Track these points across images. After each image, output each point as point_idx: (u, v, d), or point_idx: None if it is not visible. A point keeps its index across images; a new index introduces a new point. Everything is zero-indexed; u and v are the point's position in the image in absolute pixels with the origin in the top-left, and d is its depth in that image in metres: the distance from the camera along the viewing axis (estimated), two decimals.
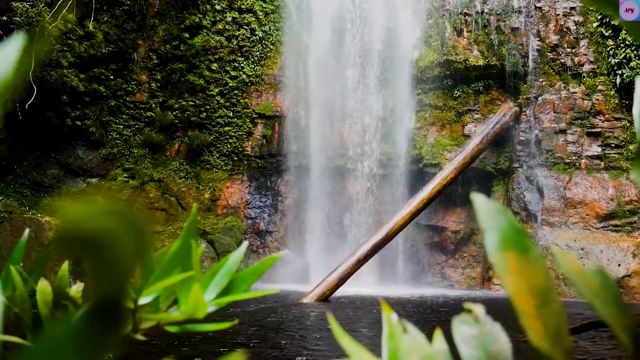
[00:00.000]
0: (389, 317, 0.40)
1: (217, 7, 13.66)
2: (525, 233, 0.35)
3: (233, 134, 13.83)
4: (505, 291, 0.34)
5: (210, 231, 13.07)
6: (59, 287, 0.85)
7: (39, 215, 10.73)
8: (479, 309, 0.38)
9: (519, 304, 0.33)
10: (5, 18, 10.52)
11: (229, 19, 13.70)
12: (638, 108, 0.48)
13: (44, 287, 0.84)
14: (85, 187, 13.02)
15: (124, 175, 13.19)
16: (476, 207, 0.36)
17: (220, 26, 13.68)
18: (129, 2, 12.78)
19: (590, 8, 12.20)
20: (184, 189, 13.63)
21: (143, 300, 0.60)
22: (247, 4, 13.82)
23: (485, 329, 0.36)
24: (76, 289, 0.85)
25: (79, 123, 12.68)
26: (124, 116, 13.38)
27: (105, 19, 12.69)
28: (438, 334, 0.41)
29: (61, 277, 0.86)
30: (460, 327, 0.37)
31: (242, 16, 13.77)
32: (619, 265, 10.85)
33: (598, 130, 12.04)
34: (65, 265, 0.83)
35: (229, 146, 13.85)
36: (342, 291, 10.08)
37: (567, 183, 11.98)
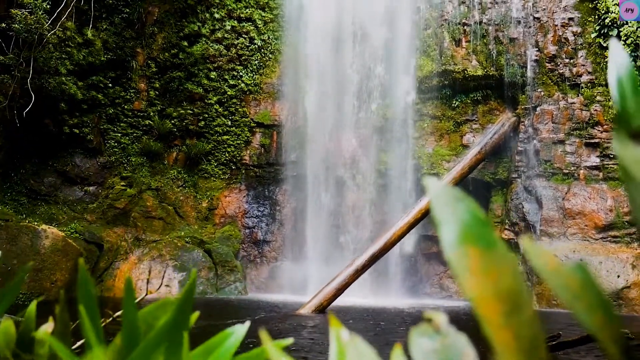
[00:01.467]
0: (338, 334, 0.35)
1: (217, 15, 13.67)
2: (490, 225, 0.30)
3: (231, 142, 13.79)
4: (465, 295, 0.28)
5: (207, 240, 12.98)
6: (25, 329, 0.75)
7: (36, 223, 10.65)
8: (440, 318, 0.32)
9: (482, 312, 0.27)
10: (4, 25, 10.51)
11: (228, 27, 13.71)
12: (613, 74, 0.41)
13: (7, 327, 0.74)
14: (82, 195, 12.96)
15: (122, 183, 13.12)
16: (429, 194, 0.31)
17: (219, 35, 13.68)
18: (128, 10, 12.78)
19: (589, 19, 12.21)
20: (181, 198, 13.56)
21: None
22: (247, 12, 13.83)
23: (448, 342, 0.31)
24: (44, 330, 0.75)
25: (76, 131, 12.64)
26: (122, 124, 13.34)
27: (104, 26, 12.69)
28: (397, 352, 0.35)
29: (27, 318, 0.76)
30: (419, 340, 0.31)
31: (241, 25, 13.77)
32: (618, 276, 10.77)
33: (596, 140, 12.00)
34: (33, 306, 0.75)
35: (227, 155, 13.80)
36: (340, 302, 9.99)
37: (566, 194, 11.93)
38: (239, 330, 0.59)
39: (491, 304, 0.27)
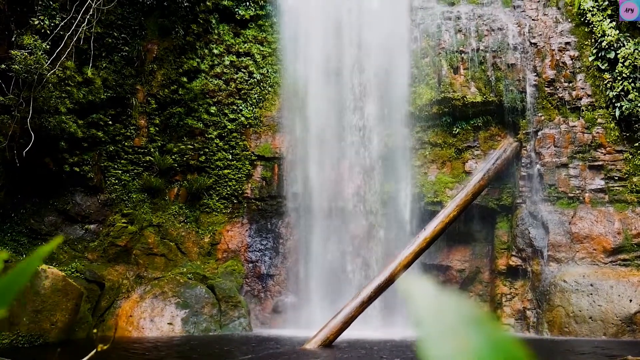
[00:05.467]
0: None
1: (215, 51, 13.78)
2: None
3: (232, 176, 13.72)
4: None
5: (210, 276, 12.79)
6: None
7: None
8: None
9: None
10: (4, 66, 10.56)
11: (227, 62, 13.80)
12: None
13: None
14: (83, 233, 12.82)
15: (123, 220, 13.00)
16: None
17: (218, 70, 13.76)
18: (127, 49, 12.89)
19: (585, 43, 12.29)
20: (183, 234, 13.42)
21: None
22: (245, 47, 13.94)
23: None
24: None
25: (77, 169, 12.58)
26: (122, 161, 13.30)
27: (104, 65, 12.76)
28: None
29: None
30: None
31: (239, 59, 13.87)
32: (631, 300, 10.54)
33: (600, 163, 11.93)
34: None
35: (228, 189, 13.72)
36: (346, 335, 9.76)
37: (572, 217, 11.79)
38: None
39: None
